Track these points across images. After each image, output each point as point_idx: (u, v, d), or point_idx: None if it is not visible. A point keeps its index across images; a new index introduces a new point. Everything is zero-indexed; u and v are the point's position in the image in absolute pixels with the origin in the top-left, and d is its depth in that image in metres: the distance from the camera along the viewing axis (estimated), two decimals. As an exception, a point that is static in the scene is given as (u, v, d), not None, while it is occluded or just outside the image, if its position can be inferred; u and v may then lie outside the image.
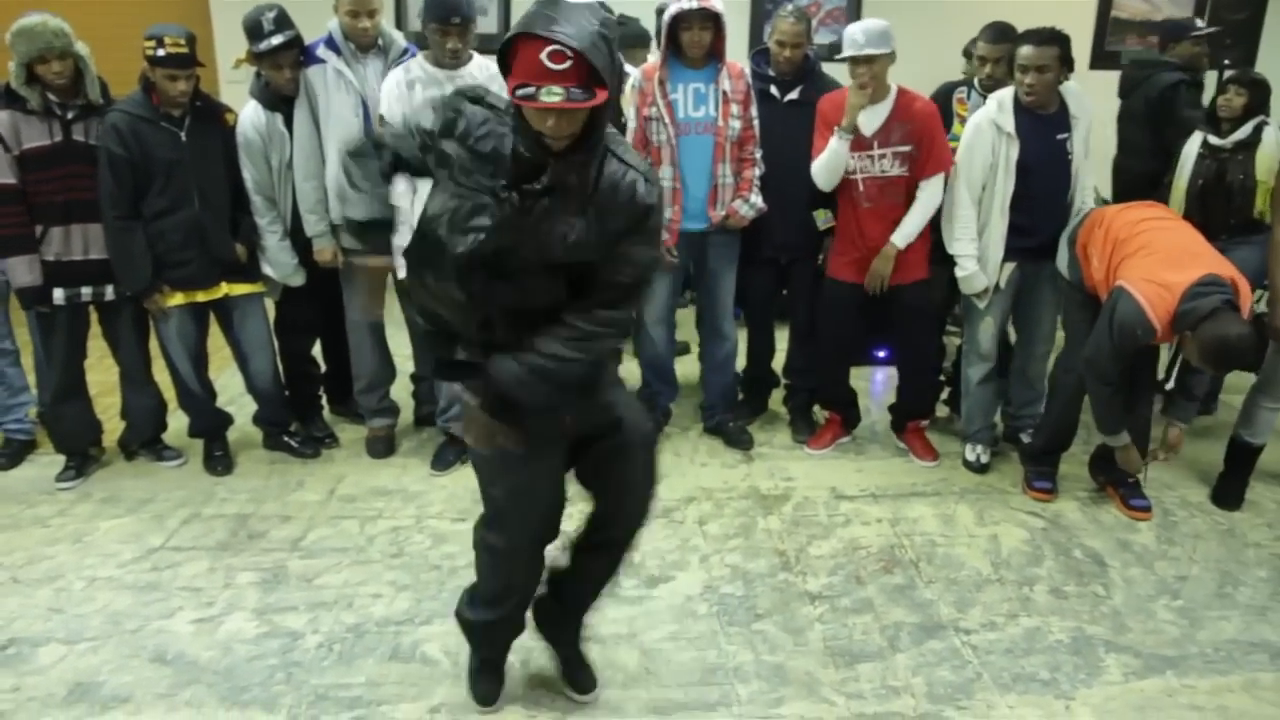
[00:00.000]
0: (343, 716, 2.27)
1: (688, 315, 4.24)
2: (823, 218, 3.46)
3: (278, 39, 3.09)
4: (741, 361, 3.86)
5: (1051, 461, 3.37)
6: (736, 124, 3.26)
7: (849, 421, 3.74)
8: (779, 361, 3.89)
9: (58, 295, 3.12)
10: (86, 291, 3.16)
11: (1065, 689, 2.41)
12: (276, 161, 3.23)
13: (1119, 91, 4.26)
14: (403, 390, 3.79)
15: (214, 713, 2.28)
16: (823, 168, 3.26)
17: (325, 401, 3.83)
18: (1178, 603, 2.77)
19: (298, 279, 3.39)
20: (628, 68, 3.53)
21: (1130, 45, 5.59)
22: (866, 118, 3.22)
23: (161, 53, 2.92)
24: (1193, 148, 3.60)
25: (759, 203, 3.35)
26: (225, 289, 3.28)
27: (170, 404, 3.52)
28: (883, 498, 3.34)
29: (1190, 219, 3.24)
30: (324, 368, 3.81)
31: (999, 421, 3.68)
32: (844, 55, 3.16)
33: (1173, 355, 2.91)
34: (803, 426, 3.79)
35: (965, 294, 3.38)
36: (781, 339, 3.83)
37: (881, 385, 4.33)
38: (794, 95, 3.39)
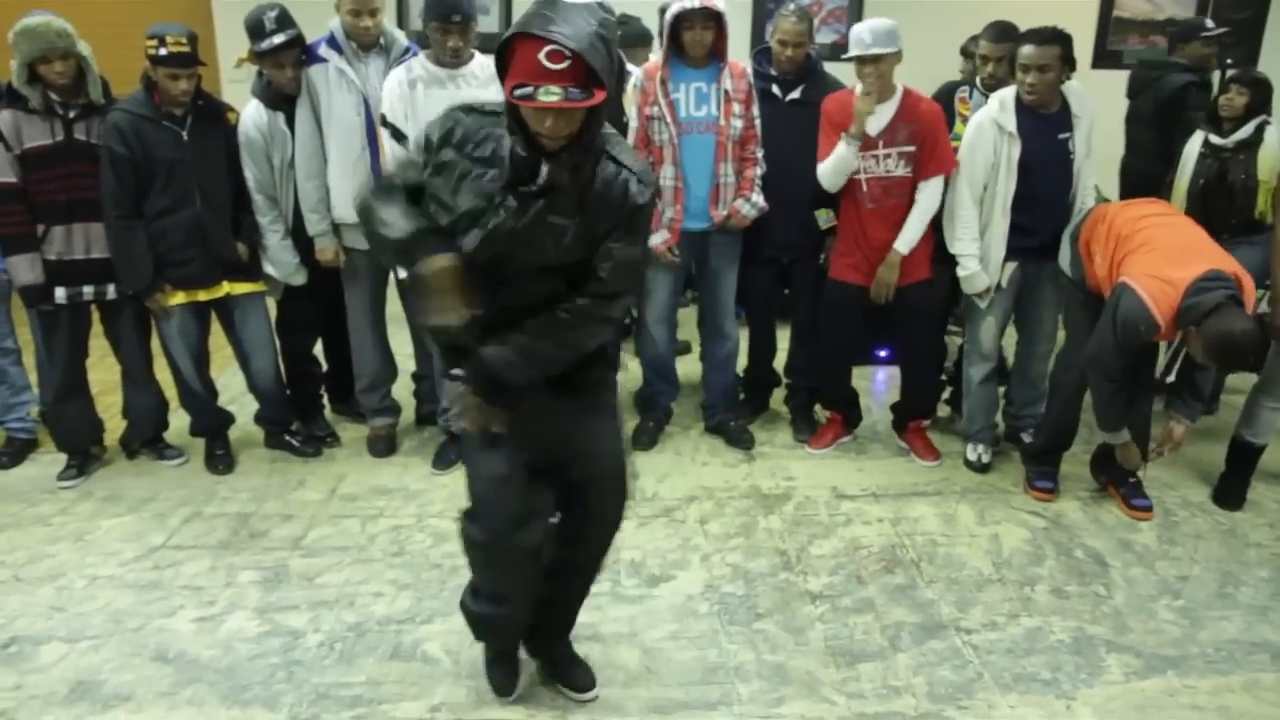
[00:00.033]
0: (344, 715, 2.27)
1: (689, 314, 4.25)
2: (824, 217, 3.46)
3: (279, 38, 3.09)
4: (743, 361, 3.85)
5: (1053, 461, 3.37)
6: (738, 123, 3.26)
7: (850, 421, 3.74)
8: (780, 361, 3.89)
9: (59, 294, 3.13)
10: (88, 290, 3.16)
11: (1066, 689, 2.40)
12: (278, 160, 3.24)
13: (1127, 92, 4.24)
14: (404, 389, 3.79)
15: (215, 711, 2.28)
16: (829, 172, 3.27)
17: (326, 400, 3.84)
18: (1179, 603, 2.76)
19: (299, 278, 3.39)
20: (630, 67, 3.53)
21: (1132, 45, 5.58)
22: (872, 118, 3.22)
23: (163, 52, 2.93)
24: (1194, 147, 3.60)
25: (760, 202, 3.34)
26: (227, 288, 3.28)
27: (172, 403, 3.53)
28: (884, 497, 3.34)
29: (1191, 218, 3.23)
30: (325, 367, 3.82)
31: (1000, 421, 3.68)
32: (850, 54, 3.17)
33: (1173, 350, 2.89)
34: (804, 426, 3.79)
35: (967, 294, 3.38)
36: (783, 338, 3.83)
37: (883, 385, 4.33)
38: (796, 95, 3.39)
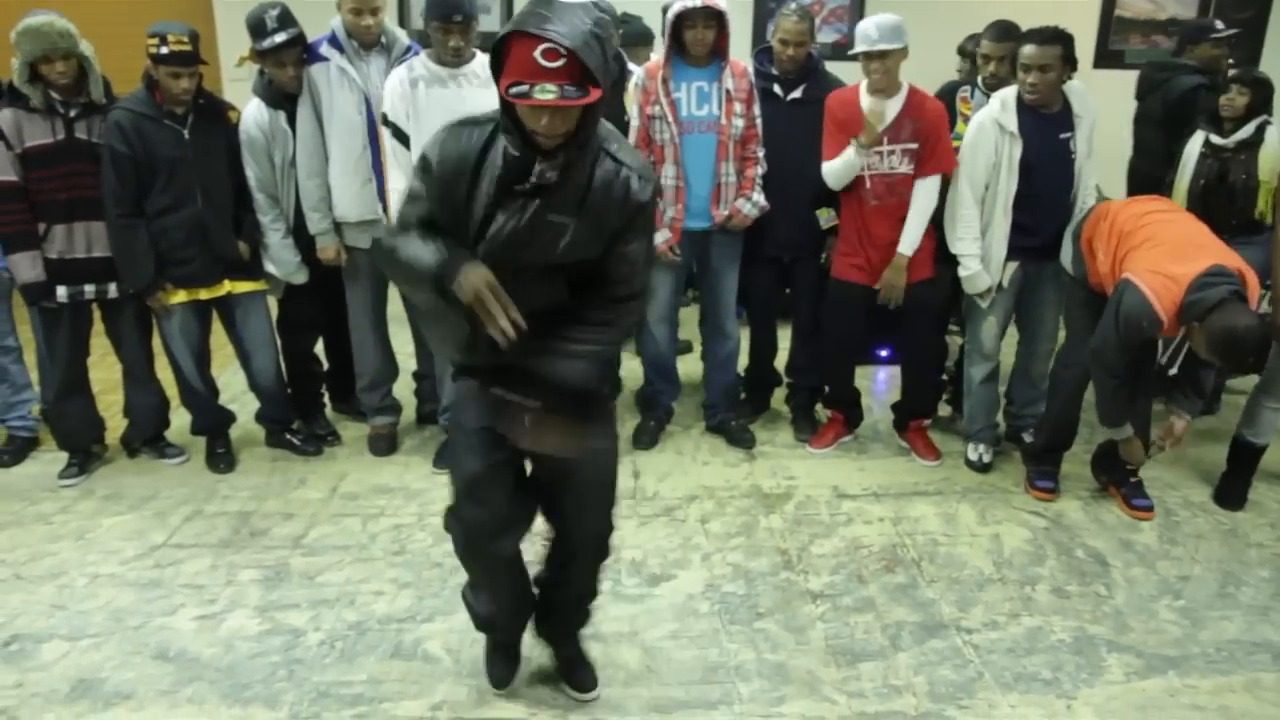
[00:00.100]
0: (344, 714, 2.27)
1: (690, 314, 4.24)
2: (825, 216, 3.46)
3: (281, 37, 3.09)
4: (744, 360, 3.85)
5: (1054, 461, 3.37)
6: (739, 122, 3.26)
7: (851, 420, 3.74)
8: (781, 360, 3.89)
9: (61, 293, 3.13)
10: (89, 289, 3.16)
11: (1067, 688, 2.40)
12: (279, 159, 3.24)
13: (1136, 93, 4.19)
14: (405, 388, 3.79)
15: (216, 709, 2.28)
16: (835, 174, 3.28)
17: (327, 399, 3.84)
18: (1180, 603, 2.76)
19: (300, 277, 3.39)
20: (631, 66, 3.53)
21: (1134, 44, 5.57)
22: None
23: (164, 50, 2.93)
24: (1195, 147, 3.59)
25: (762, 201, 3.34)
26: (228, 287, 3.28)
27: (173, 401, 3.53)
28: (885, 497, 3.34)
29: (1193, 216, 3.23)
30: (326, 365, 3.82)
31: (1001, 421, 3.68)
32: (857, 50, 3.16)
33: (1176, 344, 2.88)
34: (805, 425, 3.79)
35: (968, 293, 3.38)
36: (784, 338, 3.82)
37: (883, 385, 4.33)
38: (797, 94, 3.38)
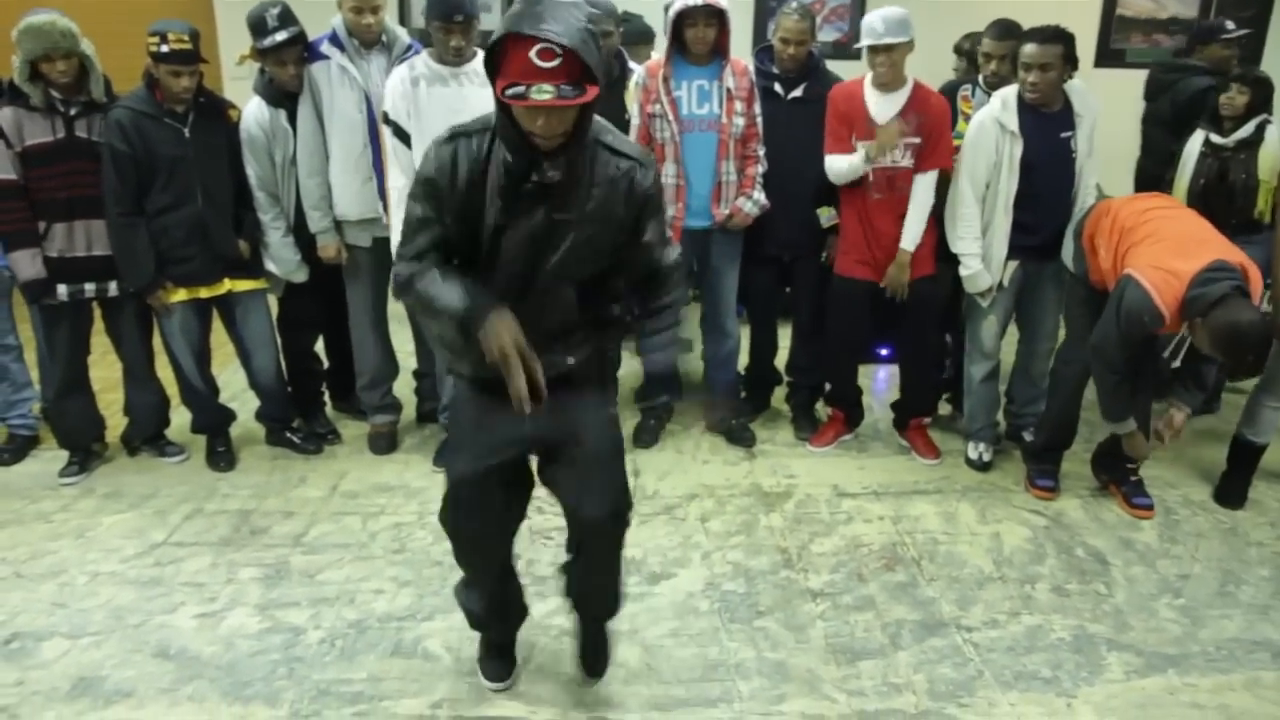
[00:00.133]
0: (345, 712, 2.27)
1: (691, 312, 4.23)
2: (826, 215, 3.45)
3: (282, 35, 3.09)
4: (744, 359, 3.86)
5: (1054, 459, 3.37)
6: (740, 121, 3.26)
7: (852, 419, 3.74)
8: (781, 359, 3.89)
9: (61, 291, 3.13)
10: (90, 288, 3.16)
11: (1067, 687, 2.41)
12: (280, 158, 3.24)
13: (1145, 94, 4.17)
14: (405, 387, 3.79)
15: (216, 707, 2.28)
16: (837, 173, 3.29)
17: (328, 398, 3.84)
18: (1180, 601, 2.76)
19: (300, 275, 3.39)
20: (631, 64, 3.53)
21: (1135, 43, 5.57)
22: (881, 107, 3.21)
23: (165, 49, 2.93)
24: (1195, 146, 3.58)
25: (762, 200, 3.34)
26: (228, 285, 3.28)
27: (173, 400, 3.53)
28: (885, 495, 3.34)
29: (1194, 214, 3.23)
30: (326, 364, 3.82)
31: (1001, 420, 3.68)
32: (862, 44, 3.16)
33: (1178, 340, 2.87)
34: (805, 424, 3.79)
35: (969, 292, 3.38)
36: (784, 336, 3.82)
37: (884, 383, 4.33)
38: (798, 92, 3.38)
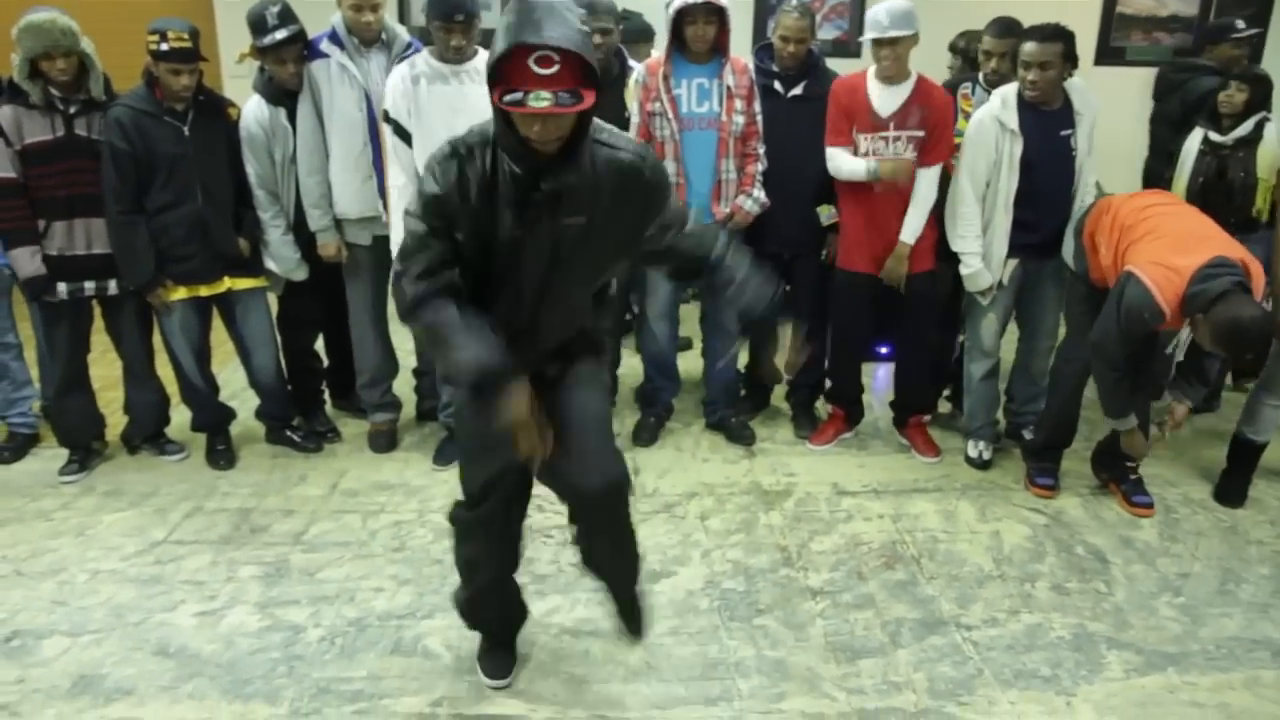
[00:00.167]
0: (345, 710, 2.28)
1: (691, 311, 4.25)
2: (826, 214, 3.45)
3: (281, 33, 3.09)
4: (744, 357, 3.85)
5: (1053, 458, 3.37)
6: (740, 119, 3.25)
7: (852, 417, 3.74)
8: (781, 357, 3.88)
9: (61, 289, 3.13)
10: (89, 286, 3.16)
11: (1066, 685, 2.41)
12: (280, 156, 3.24)
13: (1154, 94, 4.14)
14: (405, 385, 3.79)
15: (216, 705, 2.29)
16: (839, 172, 3.29)
17: (328, 396, 3.84)
18: (1180, 600, 2.77)
19: (300, 274, 3.39)
20: (631, 62, 3.53)
21: (1136, 41, 5.56)
22: (884, 99, 3.21)
23: (165, 47, 2.93)
24: (1193, 144, 3.57)
25: (763, 198, 3.34)
26: (228, 283, 3.28)
27: (173, 398, 3.53)
28: (884, 493, 3.34)
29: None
30: (326, 362, 3.82)
31: (1001, 418, 3.68)
32: (867, 36, 3.16)
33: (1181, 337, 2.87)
34: (805, 422, 3.79)
35: (969, 291, 3.38)
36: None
37: (884, 382, 4.32)
38: (798, 90, 3.38)
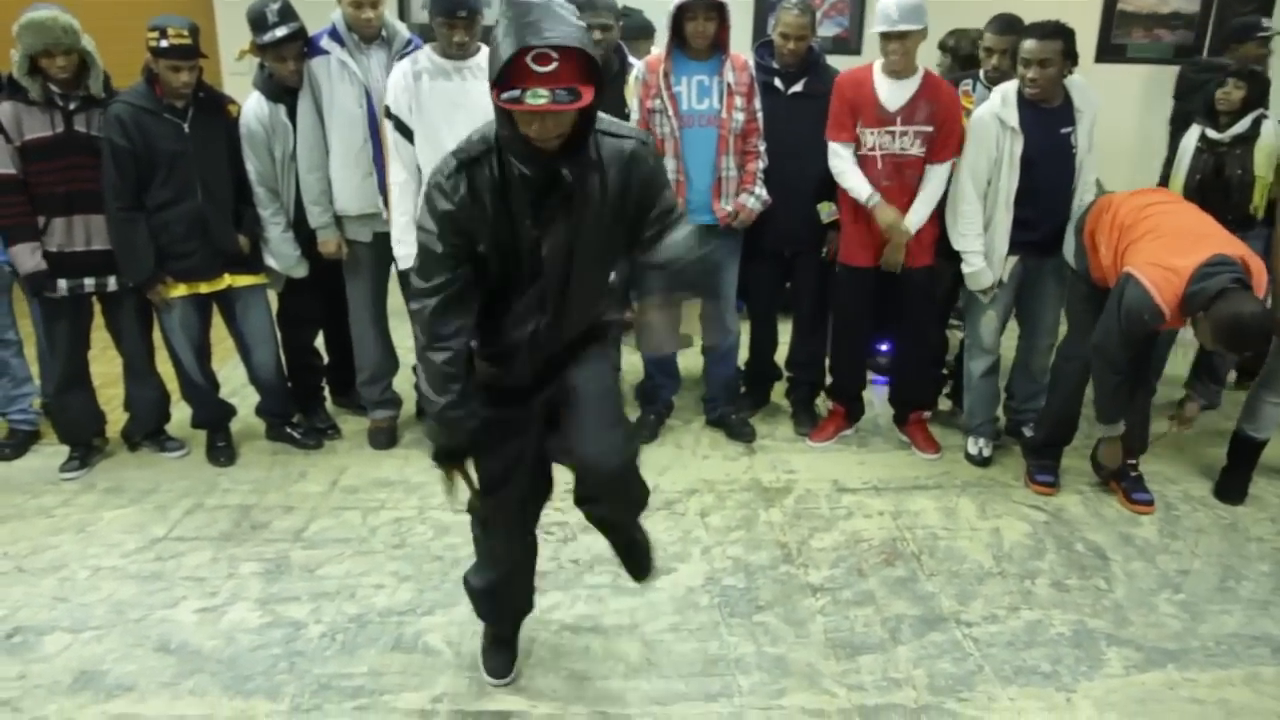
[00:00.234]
0: (345, 706, 2.28)
1: (690, 309, 4.23)
2: (826, 211, 3.45)
3: (282, 30, 3.09)
4: (744, 354, 3.86)
5: (1054, 455, 3.37)
6: (740, 116, 3.25)
7: (852, 414, 3.74)
8: (781, 354, 3.89)
9: (60, 286, 3.13)
10: (89, 282, 3.16)
11: (1066, 681, 2.41)
12: (280, 153, 3.24)
13: (1175, 93, 4.09)
14: (405, 382, 3.79)
15: (217, 701, 2.29)
16: (840, 179, 3.30)
17: (328, 393, 3.85)
18: (1179, 596, 2.77)
19: (300, 271, 3.39)
20: (631, 59, 3.53)
21: (1137, 38, 5.55)
22: (891, 94, 3.21)
23: (164, 44, 2.93)
24: (1190, 142, 3.54)
25: (765, 195, 3.34)
26: (228, 280, 3.28)
27: (173, 395, 3.53)
28: (885, 490, 3.34)
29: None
30: (326, 359, 3.83)
31: (1001, 415, 3.68)
32: (875, 30, 3.16)
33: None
34: (805, 419, 3.79)
35: (970, 289, 3.38)
36: (784, 332, 3.82)
37: (883, 379, 4.32)
38: (798, 88, 3.38)
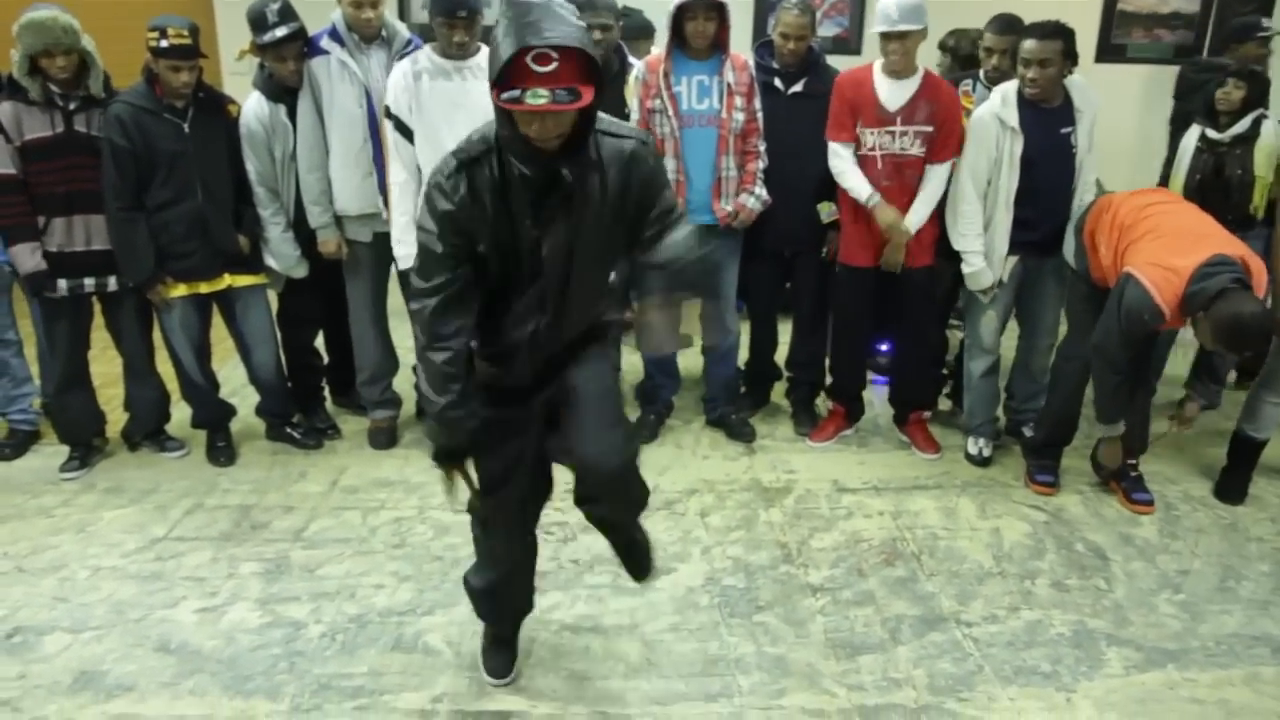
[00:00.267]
0: (345, 706, 2.28)
1: (690, 309, 4.23)
2: (826, 211, 3.45)
3: (282, 31, 3.09)
4: (744, 354, 3.86)
5: (1054, 455, 3.37)
6: (740, 116, 3.25)
7: (852, 414, 3.74)
8: (781, 354, 3.89)
9: (60, 286, 3.13)
10: (89, 282, 3.16)
11: (1066, 681, 2.41)
12: (280, 153, 3.24)
13: (1175, 93, 4.09)
14: (405, 382, 3.79)
15: (217, 701, 2.29)
16: (840, 179, 3.30)
17: (328, 393, 3.85)
18: (1179, 596, 2.77)
19: (300, 271, 3.39)
20: (631, 59, 3.53)
21: (1137, 38, 5.55)
22: (891, 94, 3.21)
23: (164, 44, 2.93)
24: (1190, 142, 3.54)
25: (765, 195, 3.34)
26: (228, 280, 3.28)
27: (173, 395, 3.53)
28: (885, 490, 3.34)
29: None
30: (326, 359, 3.83)
31: (1001, 415, 3.68)
32: (876, 30, 3.16)
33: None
34: (805, 419, 3.79)
35: (970, 289, 3.38)
36: (784, 332, 3.82)
37: (883, 379, 4.32)
38: (798, 88, 3.38)
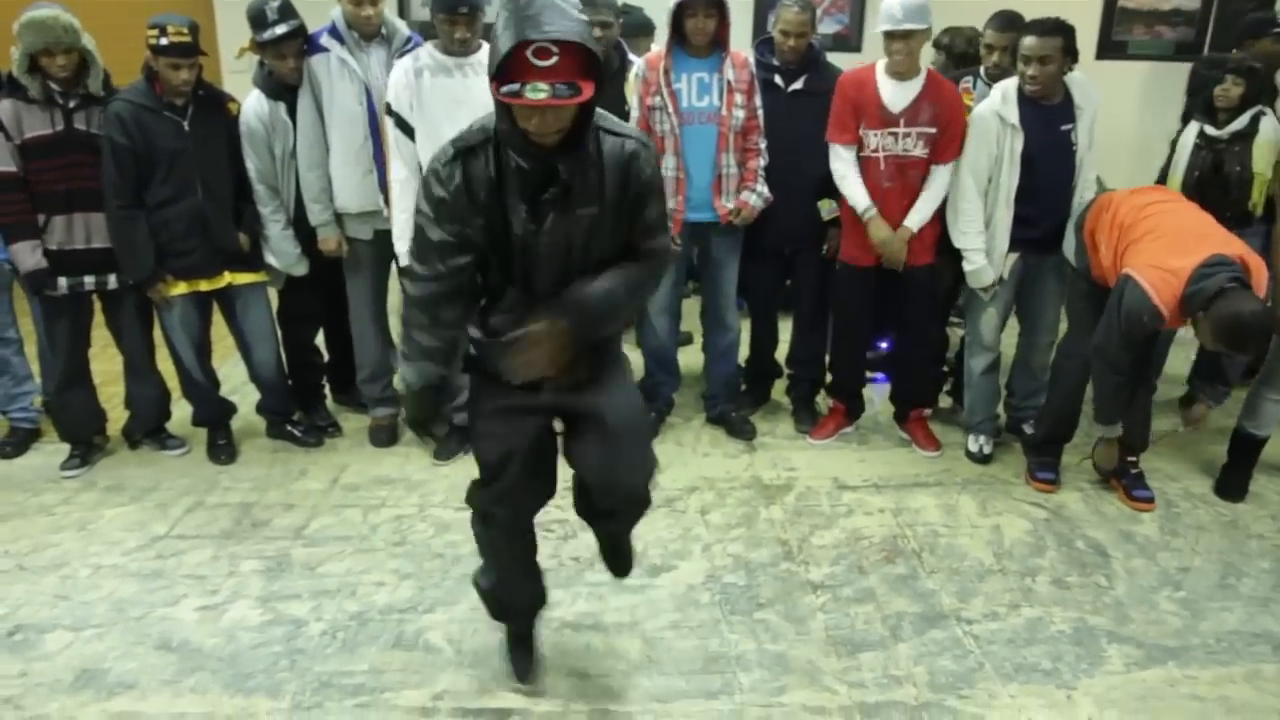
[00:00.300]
0: (346, 703, 2.28)
1: (691, 305, 4.24)
2: (827, 208, 3.45)
3: (282, 28, 3.09)
4: (744, 352, 3.85)
5: (1054, 452, 3.37)
6: (740, 114, 3.25)
7: (852, 411, 3.74)
8: (782, 352, 3.89)
9: (61, 284, 3.13)
10: (89, 280, 3.16)
11: (1067, 679, 2.41)
12: (280, 151, 3.24)
13: (1187, 89, 4.09)
14: (406, 380, 3.79)
15: (218, 699, 2.29)
16: (839, 183, 3.30)
17: (328, 391, 3.85)
18: (1180, 594, 2.77)
19: (301, 268, 3.39)
20: (631, 56, 3.53)
21: (1138, 35, 5.54)
22: (894, 95, 3.20)
23: (164, 41, 2.93)
24: (1189, 138, 3.51)
25: (766, 192, 3.33)
26: (228, 278, 3.28)
27: (174, 393, 3.53)
28: (885, 488, 3.34)
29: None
30: (327, 357, 3.83)
31: (1001, 412, 3.68)
32: (879, 29, 3.15)
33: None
34: (805, 416, 3.79)
35: (971, 286, 3.37)
36: (784, 329, 3.82)
37: (884, 376, 4.32)
38: (798, 85, 3.37)
